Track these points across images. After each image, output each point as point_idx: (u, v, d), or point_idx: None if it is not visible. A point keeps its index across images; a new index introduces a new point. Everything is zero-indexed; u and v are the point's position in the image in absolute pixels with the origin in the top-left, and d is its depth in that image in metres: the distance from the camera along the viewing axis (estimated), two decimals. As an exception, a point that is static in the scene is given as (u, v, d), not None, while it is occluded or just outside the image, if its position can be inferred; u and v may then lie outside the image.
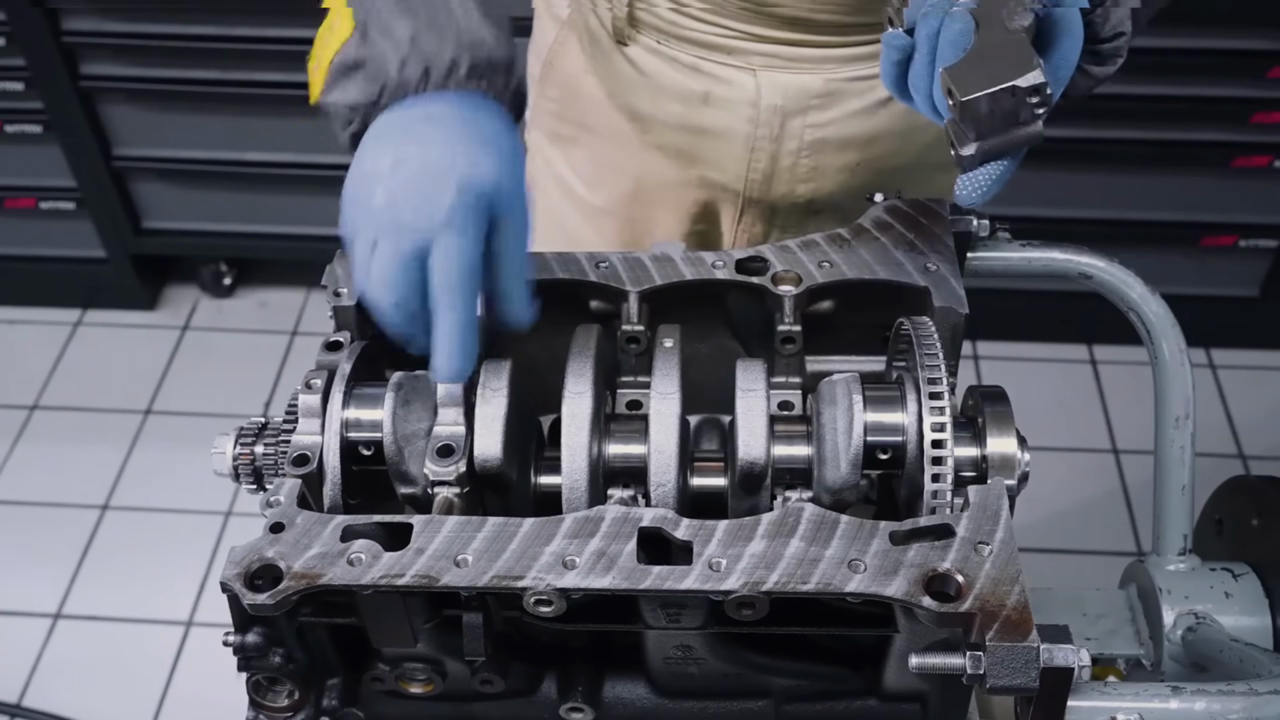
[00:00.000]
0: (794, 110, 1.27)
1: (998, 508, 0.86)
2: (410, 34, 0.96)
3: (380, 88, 0.97)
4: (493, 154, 0.92)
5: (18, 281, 3.09)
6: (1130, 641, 1.19)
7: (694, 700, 1.00)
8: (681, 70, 1.28)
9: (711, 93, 1.28)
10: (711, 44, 1.25)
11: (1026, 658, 0.79)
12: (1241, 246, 2.75)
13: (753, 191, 1.33)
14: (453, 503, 0.92)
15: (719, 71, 1.27)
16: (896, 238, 1.09)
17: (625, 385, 1.05)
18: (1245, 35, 2.44)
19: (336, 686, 0.96)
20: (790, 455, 0.94)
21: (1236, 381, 2.88)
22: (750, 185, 1.32)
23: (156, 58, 2.67)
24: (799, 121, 1.27)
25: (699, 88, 1.28)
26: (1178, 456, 1.20)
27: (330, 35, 1.01)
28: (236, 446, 0.99)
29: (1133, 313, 1.19)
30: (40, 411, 2.91)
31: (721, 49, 1.25)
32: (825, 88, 1.26)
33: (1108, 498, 2.66)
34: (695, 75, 1.27)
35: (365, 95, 0.98)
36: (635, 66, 1.30)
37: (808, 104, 1.26)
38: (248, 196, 2.91)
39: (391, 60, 0.96)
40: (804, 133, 1.28)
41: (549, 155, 1.46)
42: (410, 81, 0.96)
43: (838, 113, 1.27)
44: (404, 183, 0.91)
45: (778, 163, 1.30)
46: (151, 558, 2.59)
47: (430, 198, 0.90)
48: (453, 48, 0.96)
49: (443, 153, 0.91)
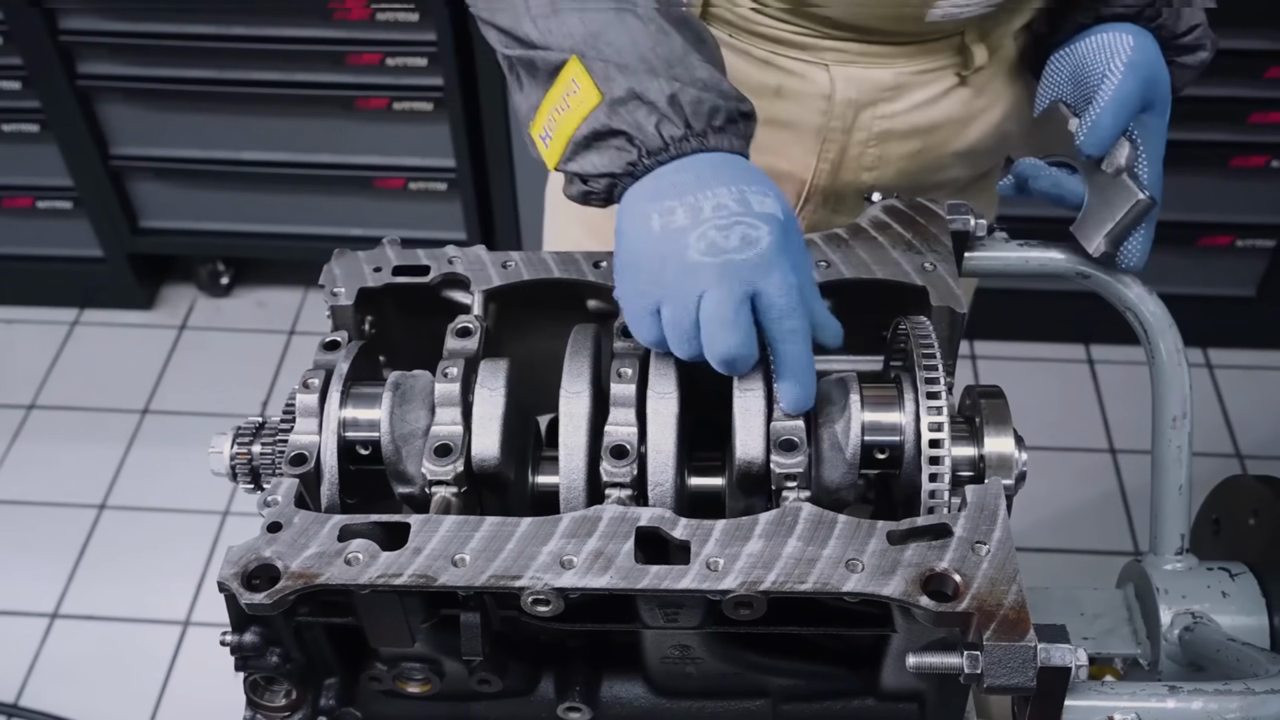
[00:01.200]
0: (865, 102, 1.29)
1: (995, 507, 0.86)
2: (669, 93, 0.95)
3: (639, 150, 0.95)
4: (772, 194, 0.93)
5: (15, 281, 3.09)
6: (1127, 641, 1.19)
7: (691, 700, 1.00)
8: (754, 64, 1.29)
9: (784, 86, 1.29)
10: (785, 40, 1.27)
11: (1024, 657, 0.79)
12: (1239, 246, 2.75)
13: (820, 180, 1.35)
14: (450, 502, 0.91)
15: (792, 66, 1.28)
16: (894, 237, 1.09)
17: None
18: (1243, 35, 2.44)
19: (334, 686, 0.96)
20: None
21: (1234, 381, 2.88)
22: (819, 174, 1.34)
23: (154, 57, 2.67)
24: (869, 113, 1.30)
25: (772, 81, 1.29)
26: (1175, 456, 1.20)
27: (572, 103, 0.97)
28: (234, 446, 0.99)
29: (1130, 312, 1.19)
30: (37, 411, 2.90)
31: (795, 45, 1.27)
32: (895, 80, 1.28)
33: (1105, 497, 2.66)
34: (768, 69, 1.29)
35: (621, 160, 0.95)
36: None
37: (878, 96, 1.29)
38: (245, 196, 2.91)
39: (647, 122, 0.94)
40: (873, 124, 1.30)
41: None
42: (671, 140, 0.95)
43: (905, 104, 1.30)
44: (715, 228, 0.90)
45: (846, 152, 1.32)
46: (149, 557, 2.59)
47: (749, 240, 0.89)
48: (710, 100, 0.96)
49: (735, 196, 0.91)
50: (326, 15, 2.53)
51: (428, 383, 0.98)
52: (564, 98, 0.97)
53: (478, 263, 1.08)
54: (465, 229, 2.87)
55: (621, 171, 0.95)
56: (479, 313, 1.05)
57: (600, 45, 0.96)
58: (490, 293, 1.06)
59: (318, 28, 2.58)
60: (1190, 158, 2.61)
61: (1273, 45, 2.45)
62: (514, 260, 1.08)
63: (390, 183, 2.81)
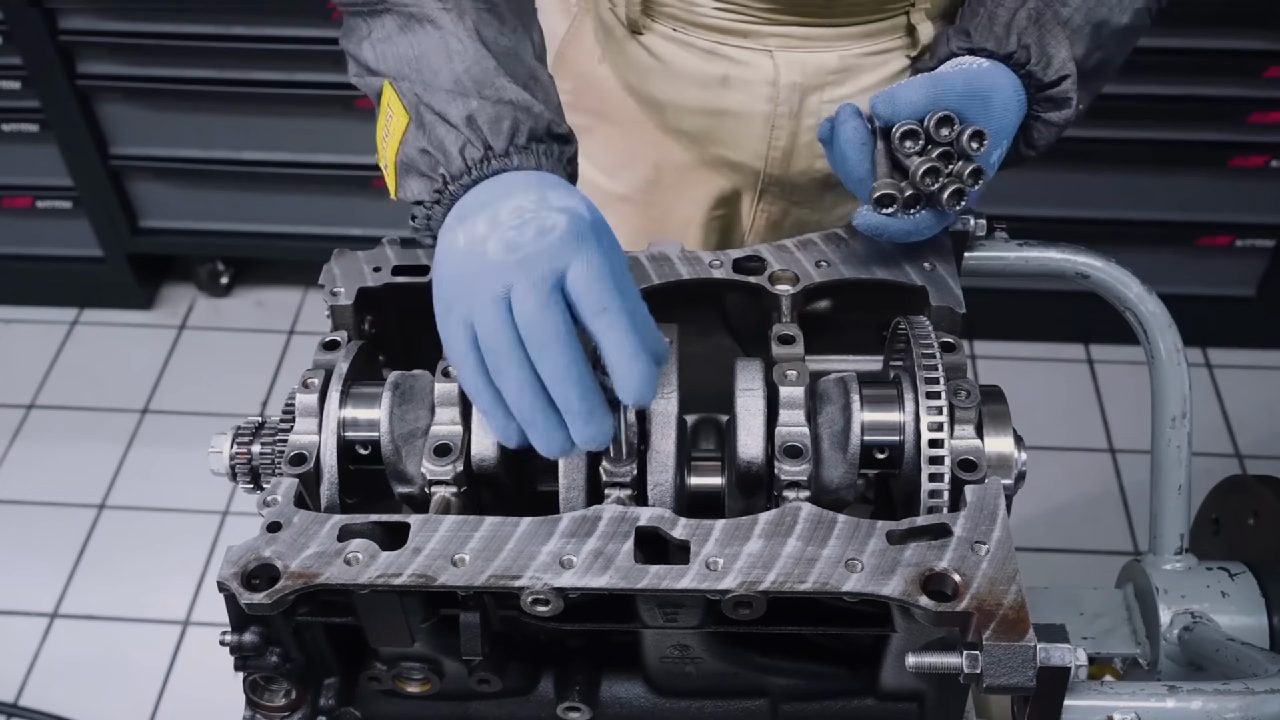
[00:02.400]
0: (812, 86, 1.29)
1: (995, 507, 0.86)
2: (466, 114, 0.94)
3: (443, 178, 0.94)
4: (577, 196, 0.91)
5: (14, 280, 3.09)
6: (1127, 641, 1.19)
7: (691, 699, 1.00)
8: (699, 55, 1.30)
9: (730, 75, 1.30)
10: (728, 29, 1.27)
11: (1023, 657, 0.79)
12: (1238, 246, 2.75)
13: (773, 169, 1.35)
14: (450, 502, 0.92)
15: (736, 54, 1.29)
16: (894, 237, 1.09)
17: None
18: (1242, 35, 2.45)
19: (334, 686, 0.96)
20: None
21: (1233, 381, 2.88)
22: (770, 163, 1.34)
23: (154, 57, 2.66)
24: (816, 97, 1.30)
25: (717, 71, 1.30)
26: (1174, 456, 1.20)
27: (391, 128, 0.98)
28: (233, 446, 0.99)
29: (1129, 312, 1.19)
30: (37, 411, 2.90)
31: (738, 33, 1.27)
32: (841, 64, 1.28)
33: (1104, 497, 2.66)
34: (713, 59, 1.29)
35: (429, 187, 0.95)
36: (651, 54, 1.32)
37: (825, 80, 1.29)
38: (245, 196, 2.91)
39: (451, 145, 0.94)
40: (821, 108, 1.30)
41: None
42: (473, 163, 0.94)
43: (853, 87, 1.29)
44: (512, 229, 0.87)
45: (797, 139, 1.32)
46: (148, 557, 2.58)
47: (544, 229, 0.86)
48: (510, 119, 0.95)
49: (534, 199, 0.89)
50: (326, 15, 2.53)
51: (427, 383, 0.98)
52: (385, 124, 0.99)
53: (477, 262, 1.08)
54: (465, 229, 2.87)
55: (429, 199, 0.95)
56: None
57: (421, 68, 0.97)
58: (490, 292, 1.06)
59: (318, 28, 2.57)
60: (1190, 157, 2.62)
61: (1272, 45, 2.45)
62: (513, 260, 1.08)
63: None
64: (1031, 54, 1.07)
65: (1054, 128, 1.10)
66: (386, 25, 1.00)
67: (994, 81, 1.05)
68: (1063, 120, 1.09)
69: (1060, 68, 1.07)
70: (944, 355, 0.94)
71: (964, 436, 0.92)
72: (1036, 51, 1.07)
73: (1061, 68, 1.07)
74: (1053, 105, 1.09)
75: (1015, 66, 1.07)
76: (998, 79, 1.06)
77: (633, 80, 1.35)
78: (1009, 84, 1.06)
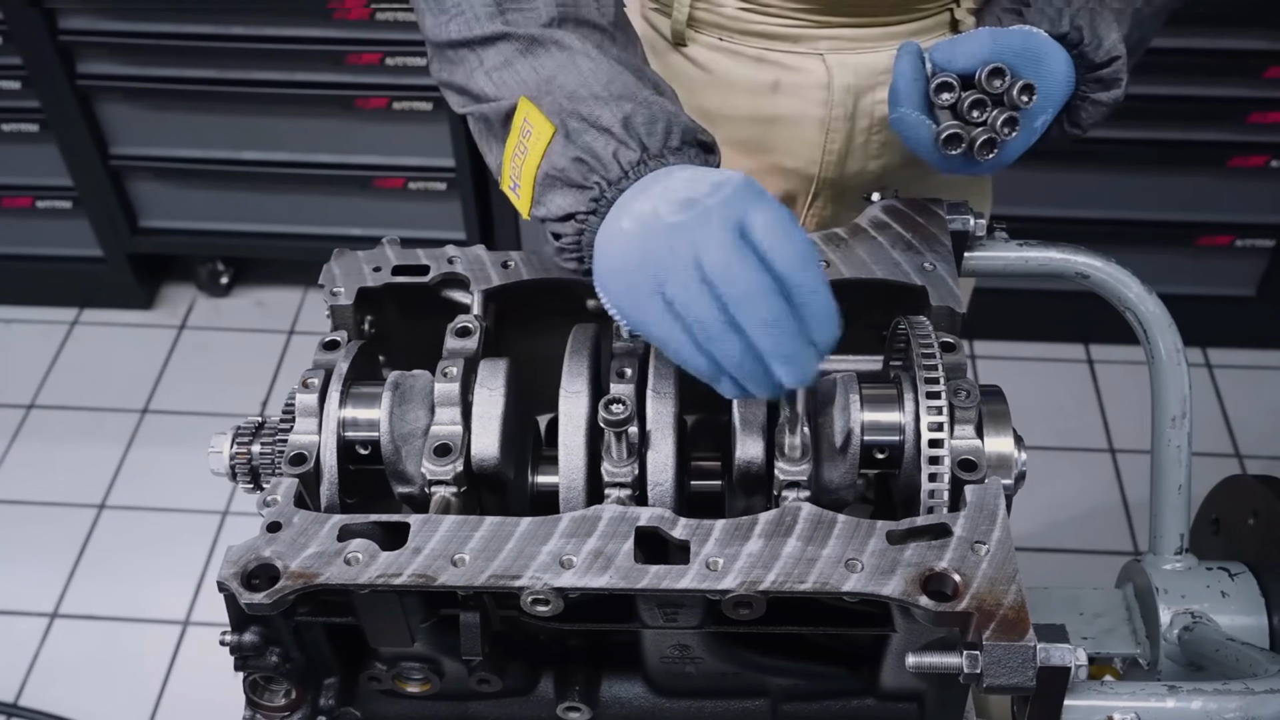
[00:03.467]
0: (865, 87, 1.29)
1: (994, 507, 0.86)
2: (622, 116, 0.91)
3: (600, 184, 0.90)
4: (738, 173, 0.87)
5: (14, 280, 3.09)
6: (1127, 641, 1.19)
7: (691, 699, 1.00)
8: (747, 63, 1.29)
9: (781, 81, 1.29)
10: (777, 34, 1.27)
11: (1023, 657, 0.79)
12: (1238, 246, 2.75)
13: (828, 173, 1.35)
14: (450, 502, 0.92)
15: (786, 60, 1.29)
16: (894, 237, 1.09)
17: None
18: (1242, 35, 2.45)
19: (333, 686, 0.96)
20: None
21: (1233, 381, 2.88)
22: (825, 167, 1.34)
23: (153, 57, 2.66)
24: (869, 98, 1.30)
25: (767, 78, 1.29)
26: (1174, 456, 1.20)
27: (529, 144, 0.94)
28: (233, 446, 0.99)
29: (1129, 312, 1.19)
30: (37, 410, 2.90)
31: (787, 38, 1.27)
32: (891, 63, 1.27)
33: (1104, 497, 2.66)
34: (762, 66, 1.29)
35: (585, 197, 0.90)
36: (697, 65, 1.31)
37: (877, 80, 1.29)
38: (245, 196, 2.91)
39: (604, 150, 0.90)
40: (874, 109, 1.30)
41: None
42: (630, 166, 0.89)
43: None
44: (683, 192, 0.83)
45: (852, 141, 1.32)
46: (148, 557, 2.58)
47: (717, 185, 0.83)
48: (664, 121, 0.92)
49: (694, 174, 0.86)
50: (326, 15, 2.53)
51: (427, 382, 0.98)
52: (521, 140, 0.94)
53: (477, 262, 1.08)
54: (465, 228, 2.87)
55: (586, 210, 0.90)
56: (479, 312, 1.05)
57: (553, 88, 0.94)
58: (490, 292, 1.06)
59: (318, 28, 2.57)
60: (1190, 157, 2.62)
61: (1272, 45, 2.45)
62: (514, 260, 1.08)
63: (390, 182, 2.81)
64: (1084, 35, 1.08)
65: (1102, 107, 1.12)
66: (503, 52, 0.97)
67: (1051, 47, 1.08)
68: (1111, 100, 1.12)
69: (1111, 48, 1.09)
70: (944, 355, 0.94)
71: (964, 436, 0.92)
72: (1089, 33, 1.09)
73: (1113, 49, 1.09)
74: (1102, 86, 1.11)
75: (1069, 46, 1.09)
76: (1054, 49, 1.08)
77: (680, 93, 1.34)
78: (1064, 57, 1.09)
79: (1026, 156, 1.12)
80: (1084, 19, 1.09)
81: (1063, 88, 1.09)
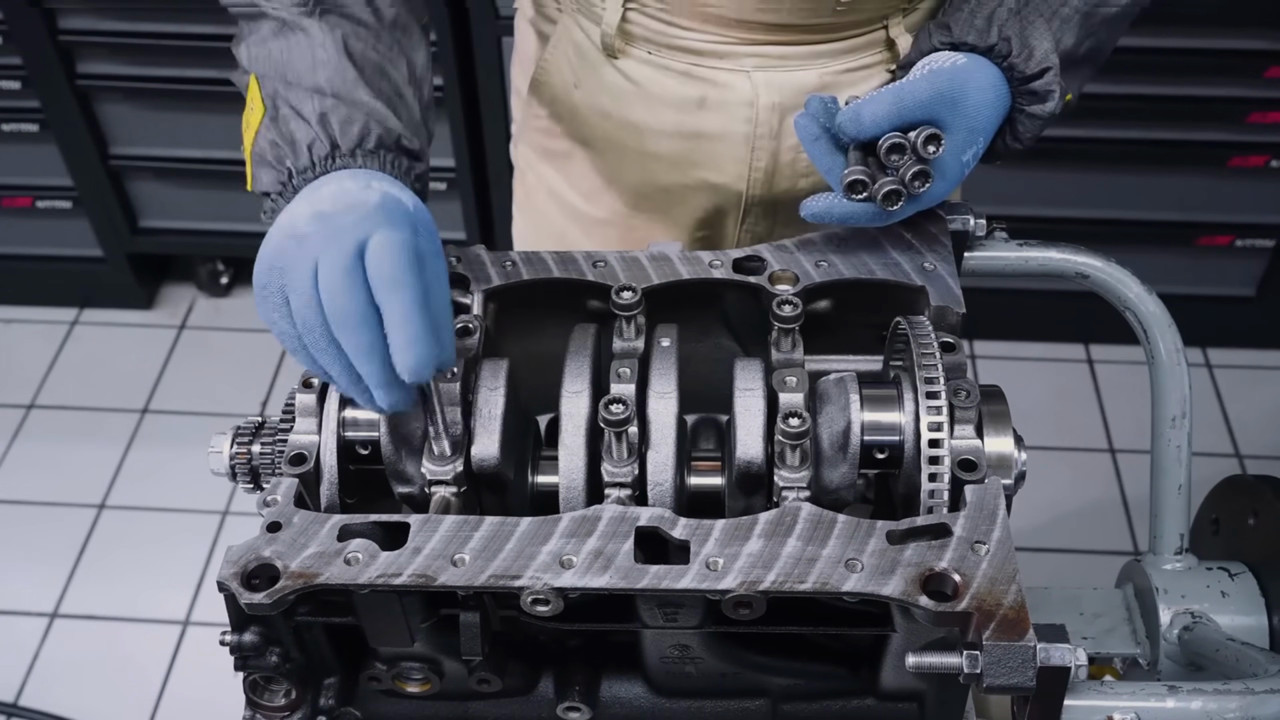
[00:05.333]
0: (791, 106, 1.27)
1: (994, 507, 0.86)
2: (320, 111, 0.98)
3: (289, 170, 0.97)
4: (407, 192, 0.93)
5: (14, 280, 3.09)
6: (1127, 640, 1.19)
7: (691, 699, 1.00)
8: (675, 77, 1.29)
9: (707, 97, 1.28)
10: (703, 50, 1.26)
11: (1023, 657, 0.79)
12: (1238, 246, 2.75)
13: (755, 190, 1.34)
14: (450, 502, 0.92)
15: (713, 76, 1.28)
16: (894, 237, 1.09)
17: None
18: (1241, 35, 2.45)
19: (333, 686, 0.96)
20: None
21: (1233, 381, 2.88)
22: (753, 184, 1.33)
23: (153, 57, 2.66)
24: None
25: (694, 93, 1.29)
26: (1174, 456, 1.20)
27: (249, 119, 1.02)
28: (233, 446, 0.99)
29: (1129, 312, 1.19)
30: (37, 410, 2.90)
31: (714, 54, 1.26)
32: (820, 81, 1.27)
33: (1104, 497, 2.66)
34: (689, 81, 1.28)
35: (275, 179, 0.98)
36: (627, 77, 1.31)
37: (803, 99, 1.27)
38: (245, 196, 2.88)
39: (302, 138, 0.97)
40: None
41: (541, 172, 1.47)
42: (319, 159, 0.96)
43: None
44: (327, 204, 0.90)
45: (778, 159, 1.31)
46: (148, 557, 2.58)
47: (356, 203, 0.89)
48: (361, 123, 0.98)
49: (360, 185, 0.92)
50: (326, 15, 2.54)
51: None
52: (247, 116, 1.02)
53: (478, 263, 1.08)
54: (465, 229, 2.87)
55: (275, 192, 0.98)
56: (479, 313, 1.05)
57: (285, 70, 1.01)
58: (490, 293, 1.06)
59: (317, 27, 2.58)
60: (1189, 157, 2.62)
61: (1272, 45, 2.45)
62: (514, 260, 1.08)
63: (390, 182, 2.81)
64: (1013, 46, 1.06)
65: (1037, 120, 1.10)
66: (262, 30, 1.04)
67: (967, 80, 1.05)
68: (1045, 113, 1.09)
69: (1042, 59, 1.07)
70: (944, 355, 0.94)
71: (964, 436, 0.92)
72: (1018, 44, 1.06)
73: (1043, 59, 1.07)
74: (1035, 98, 1.08)
75: (997, 59, 1.07)
76: (973, 76, 1.05)
77: (609, 105, 1.34)
78: (987, 81, 1.06)
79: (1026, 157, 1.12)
80: (1013, 29, 1.07)
81: (989, 116, 1.06)
